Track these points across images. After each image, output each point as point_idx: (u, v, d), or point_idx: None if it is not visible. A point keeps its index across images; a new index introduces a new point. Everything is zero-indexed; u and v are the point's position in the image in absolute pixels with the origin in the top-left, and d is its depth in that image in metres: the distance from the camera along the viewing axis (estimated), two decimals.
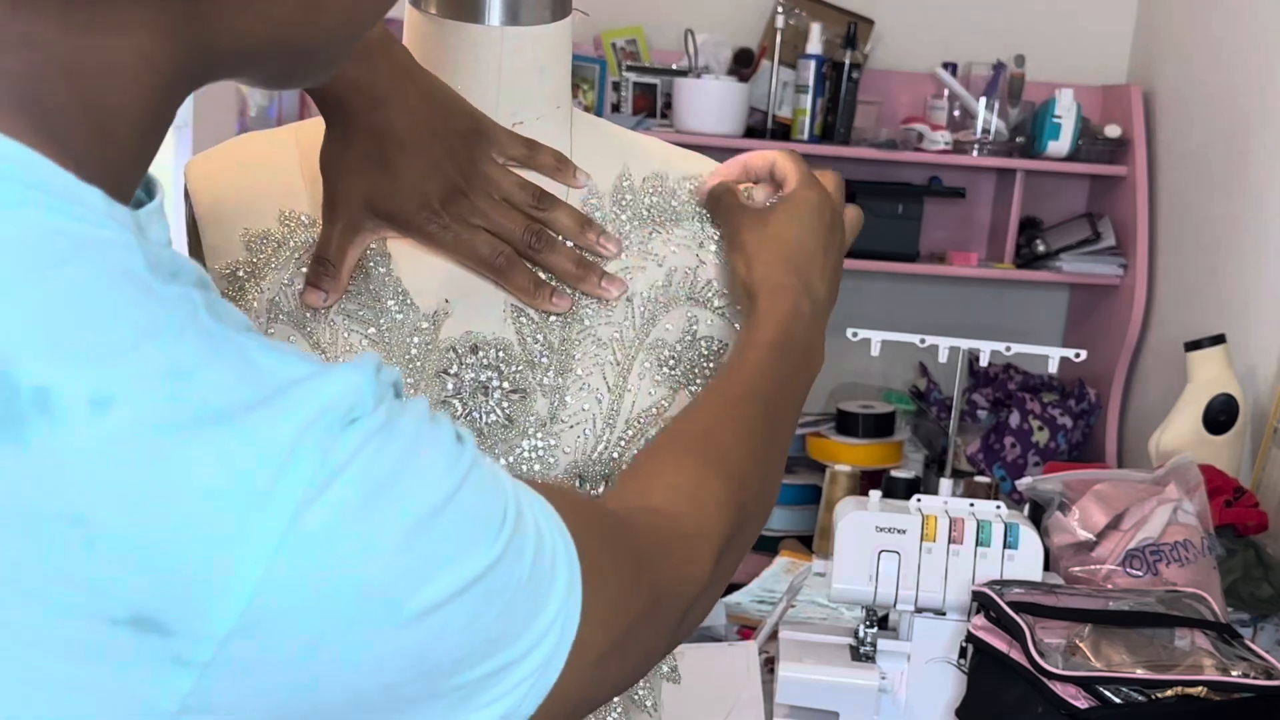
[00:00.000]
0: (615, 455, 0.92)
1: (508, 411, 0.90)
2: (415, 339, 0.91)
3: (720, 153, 3.25)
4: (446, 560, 0.57)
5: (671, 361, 0.94)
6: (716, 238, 0.97)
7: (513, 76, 0.93)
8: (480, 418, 0.90)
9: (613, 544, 0.69)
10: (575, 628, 0.62)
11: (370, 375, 0.56)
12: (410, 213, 0.88)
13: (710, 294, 0.96)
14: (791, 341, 0.88)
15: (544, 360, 0.92)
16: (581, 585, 0.63)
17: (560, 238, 0.93)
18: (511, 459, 0.90)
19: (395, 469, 0.56)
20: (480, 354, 0.90)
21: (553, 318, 0.92)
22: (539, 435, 0.90)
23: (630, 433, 0.92)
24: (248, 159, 0.96)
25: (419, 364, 0.90)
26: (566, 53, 0.96)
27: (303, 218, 0.92)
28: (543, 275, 0.92)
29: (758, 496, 0.82)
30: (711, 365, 0.95)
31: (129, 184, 0.59)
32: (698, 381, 0.95)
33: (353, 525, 0.54)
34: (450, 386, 0.90)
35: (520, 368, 0.91)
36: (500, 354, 0.91)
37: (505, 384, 0.90)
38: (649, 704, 0.95)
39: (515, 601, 0.60)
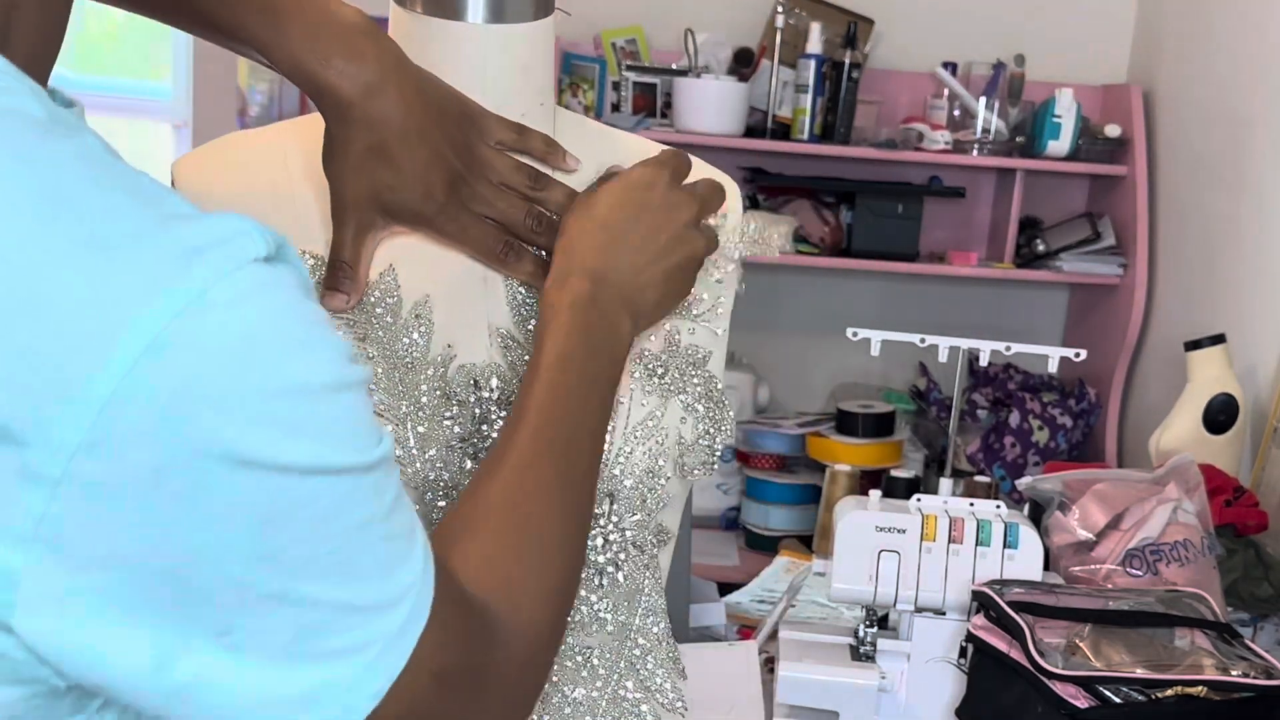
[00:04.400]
0: (616, 472, 0.92)
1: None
2: (424, 385, 0.90)
3: (720, 153, 3.21)
4: (312, 435, 0.58)
5: (660, 370, 0.93)
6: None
7: (496, 74, 0.93)
8: (482, 453, 0.90)
9: (460, 599, 0.69)
10: (425, 616, 0.64)
11: (257, 225, 0.58)
12: (417, 206, 0.87)
13: (687, 304, 0.96)
14: (577, 341, 0.84)
15: None
16: (432, 595, 0.64)
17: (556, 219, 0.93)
18: None
19: (286, 327, 0.58)
20: (480, 388, 0.90)
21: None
22: None
23: (628, 447, 0.91)
24: (235, 160, 0.95)
25: (428, 406, 0.90)
26: (549, 51, 0.97)
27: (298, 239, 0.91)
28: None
29: (568, 575, 0.79)
30: (697, 372, 0.95)
31: (40, 58, 0.63)
32: (686, 390, 0.94)
33: (223, 359, 0.55)
34: (454, 429, 0.90)
35: (512, 392, 0.91)
36: (497, 383, 0.91)
37: (505, 413, 0.90)
38: None
39: (371, 532, 0.61)
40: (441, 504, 0.89)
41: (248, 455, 0.56)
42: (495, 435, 0.90)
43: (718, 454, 0.97)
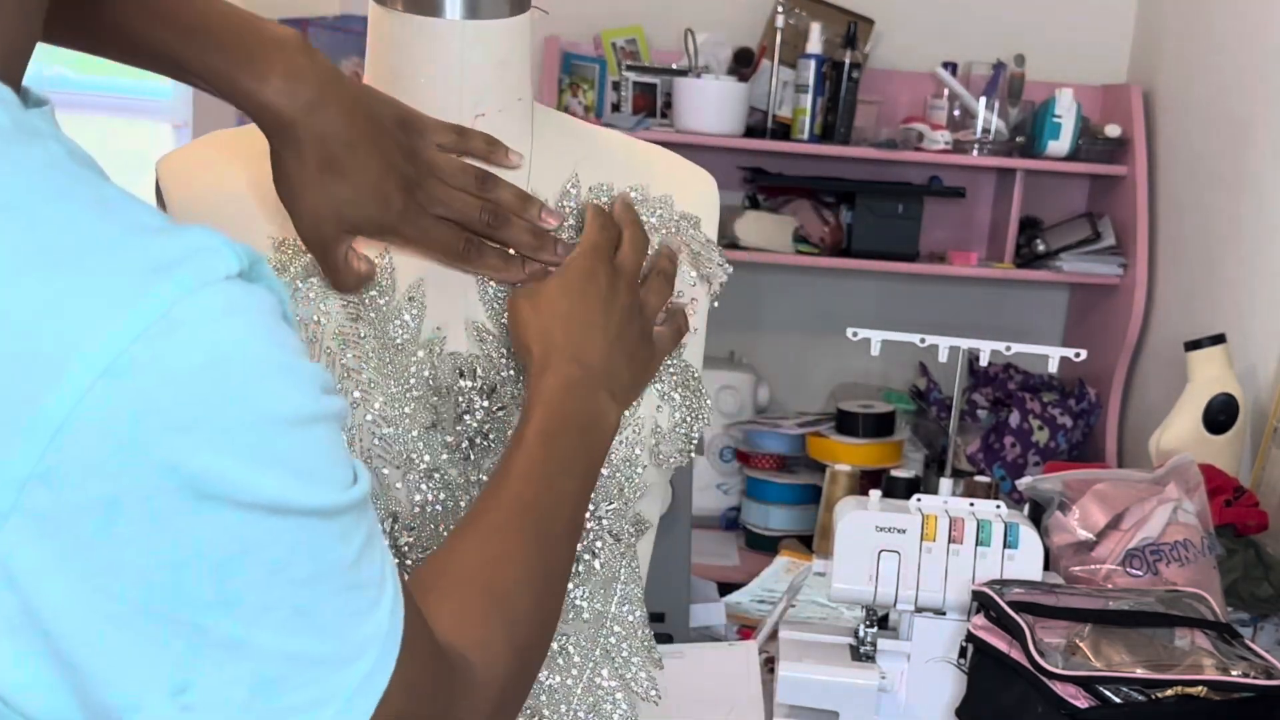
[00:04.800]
0: None
1: (489, 431, 0.91)
2: (414, 368, 0.91)
3: (720, 153, 3.21)
4: (280, 470, 0.55)
5: None
6: (660, 235, 0.98)
7: (474, 70, 0.94)
8: (467, 446, 0.90)
9: (431, 652, 0.67)
10: (390, 669, 0.61)
11: (228, 240, 0.55)
12: (378, 215, 0.88)
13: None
14: (564, 419, 0.85)
15: (513, 372, 0.92)
16: (399, 647, 0.61)
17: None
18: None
19: (256, 352, 0.54)
20: (464, 377, 0.91)
21: None
22: None
23: None
24: (221, 157, 0.96)
25: (415, 389, 0.90)
26: (525, 47, 0.97)
27: (278, 238, 0.92)
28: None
29: (538, 632, 0.79)
30: (673, 361, 0.97)
31: (15, 53, 0.60)
32: (662, 379, 0.96)
33: (187, 384, 0.52)
34: (438, 413, 0.90)
35: (494, 383, 0.92)
36: (480, 373, 0.92)
37: (487, 402, 0.91)
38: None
39: (335, 581, 0.58)
40: (423, 485, 0.90)
41: (210, 489, 0.52)
42: (476, 424, 0.91)
43: (694, 441, 0.98)
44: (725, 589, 2.03)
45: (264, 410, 0.54)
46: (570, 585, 0.93)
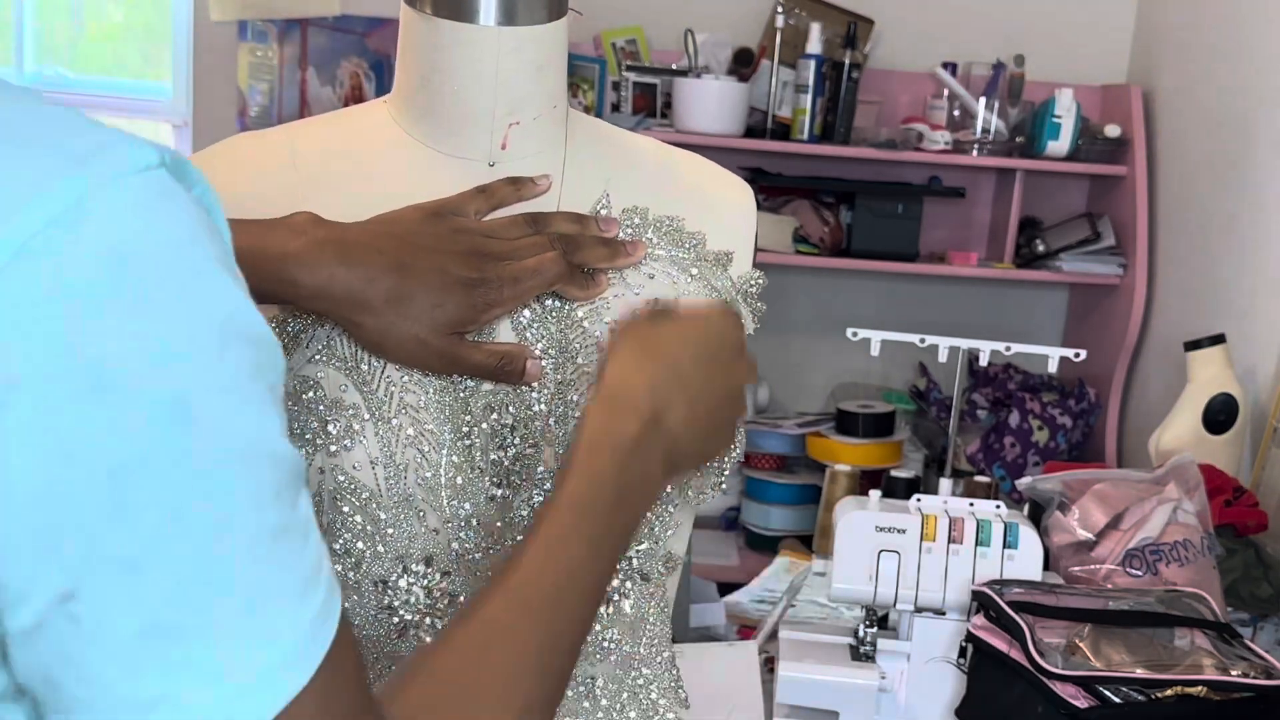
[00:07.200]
0: None
1: (518, 468, 0.89)
2: (460, 403, 0.89)
3: (721, 153, 3.24)
4: (180, 369, 0.52)
5: None
6: (693, 271, 0.95)
7: (509, 77, 0.91)
8: (502, 488, 0.89)
9: (357, 694, 0.58)
10: (303, 678, 0.54)
11: (145, 140, 0.55)
12: (465, 301, 0.86)
13: None
14: (612, 487, 0.76)
15: (542, 407, 0.90)
16: (321, 659, 0.55)
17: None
18: (527, 511, 0.89)
19: (158, 249, 0.53)
20: (495, 414, 0.90)
21: (546, 361, 0.91)
22: (550, 485, 0.89)
23: None
24: (244, 161, 0.94)
25: (463, 427, 0.89)
26: (562, 53, 0.95)
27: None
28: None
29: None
30: None
31: None
32: None
33: (89, 272, 0.51)
34: (465, 448, 0.89)
35: (524, 419, 0.90)
36: (510, 409, 0.90)
37: (517, 439, 0.90)
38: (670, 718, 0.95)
39: (249, 538, 0.53)
40: (462, 534, 0.88)
41: (107, 379, 0.50)
42: (507, 462, 0.89)
43: (726, 474, 0.95)
44: (725, 589, 2.03)
45: (165, 307, 0.52)
46: (598, 626, 0.90)
